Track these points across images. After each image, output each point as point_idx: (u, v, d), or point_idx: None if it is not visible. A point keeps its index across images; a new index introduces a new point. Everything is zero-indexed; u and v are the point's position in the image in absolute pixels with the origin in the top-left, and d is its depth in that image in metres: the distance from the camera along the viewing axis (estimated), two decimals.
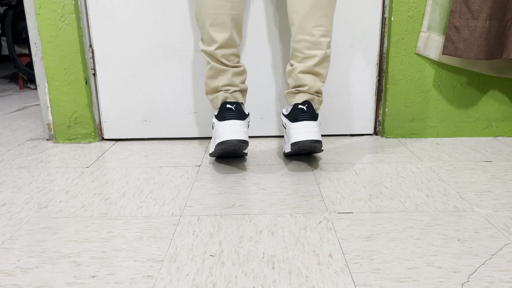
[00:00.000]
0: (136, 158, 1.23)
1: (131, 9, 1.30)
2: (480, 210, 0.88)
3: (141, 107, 1.38)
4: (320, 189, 0.99)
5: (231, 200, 0.94)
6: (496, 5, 1.16)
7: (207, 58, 1.08)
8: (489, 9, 1.15)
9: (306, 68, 1.05)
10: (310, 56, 1.05)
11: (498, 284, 0.64)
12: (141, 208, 0.91)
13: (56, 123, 1.38)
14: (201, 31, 1.09)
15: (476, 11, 1.16)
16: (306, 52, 1.05)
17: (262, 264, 0.70)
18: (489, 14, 1.16)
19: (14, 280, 0.67)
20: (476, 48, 1.18)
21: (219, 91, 1.09)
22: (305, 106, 1.06)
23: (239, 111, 1.04)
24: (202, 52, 1.09)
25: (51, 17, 1.29)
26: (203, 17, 1.05)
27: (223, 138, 0.98)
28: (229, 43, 1.06)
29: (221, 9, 1.03)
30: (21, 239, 0.79)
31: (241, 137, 0.99)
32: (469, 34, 1.18)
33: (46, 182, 1.07)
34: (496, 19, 1.17)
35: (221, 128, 1.01)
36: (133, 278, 0.67)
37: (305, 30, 1.03)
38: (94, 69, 1.35)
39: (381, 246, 0.75)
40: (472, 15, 1.17)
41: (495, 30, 1.18)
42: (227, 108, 1.05)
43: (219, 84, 1.08)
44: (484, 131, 1.38)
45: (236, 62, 1.09)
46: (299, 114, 1.05)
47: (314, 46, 1.04)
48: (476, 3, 1.16)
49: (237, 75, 1.09)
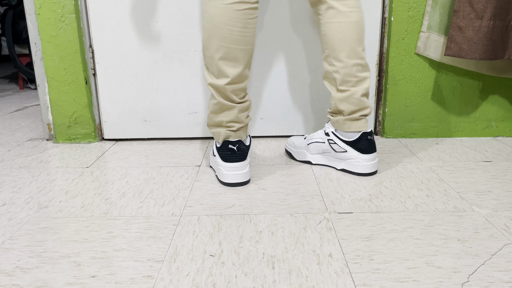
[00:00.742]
0: (136, 158, 1.23)
1: (131, 9, 1.30)
2: (480, 210, 0.88)
3: (141, 107, 1.38)
4: (320, 189, 0.99)
5: (231, 200, 0.94)
6: (500, 4, 1.15)
7: (215, 92, 1.00)
8: (493, 9, 1.14)
9: (365, 90, 1.05)
10: (363, 78, 1.05)
11: (498, 284, 0.64)
12: (141, 208, 0.91)
13: (56, 123, 1.38)
14: (208, 62, 0.99)
15: (480, 10, 1.14)
16: (359, 75, 1.04)
17: (262, 264, 0.70)
18: (493, 14, 1.14)
19: (14, 280, 0.67)
20: (480, 49, 1.16)
21: (222, 126, 1.03)
22: (372, 137, 1.08)
23: (241, 151, 1.02)
24: (210, 86, 1.00)
25: (51, 17, 1.29)
26: (214, 48, 0.96)
27: (228, 181, 1.02)
28: (240, 78, 0.99)
29: (235, 43, 0.95)
30: (21, 239, 0.79)
31: (244, 179, 1.03)
32: (473, 34, 1.16)
33: (46, 182, 1.07)
34: (500, 19, 1.16)
35: (224, 170, 1.02)
36: (133, 278, 0.67)
37: (357, 54, 1.03)
38: (94, 69, 1.35)
39: (381, 246, 0.75)
40: (476, 15, 1.15)
41: (498, 30, 1.17)
42: (229, 148, 1.02)
43: (224, 119, 1.02)
44: (484, 131, 1.38)
45: (243, 97, 1.03)
46: (369, 146, 1.06)
47: (364, 68, 1.05)
48: (481, 3, 1.14)
49: (243, 111, 1.03)
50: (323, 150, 1.12)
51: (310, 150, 1.15)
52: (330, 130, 1.11)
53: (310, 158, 1.15)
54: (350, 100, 1.05)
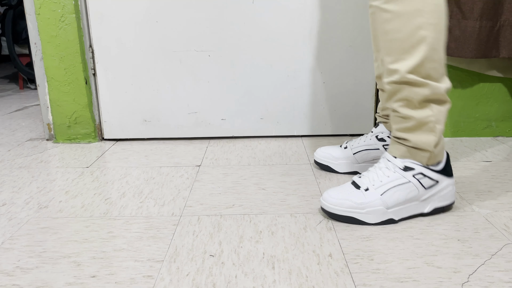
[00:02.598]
0: (136, 158, 1.23)
1: (131, 9, 1.30)
2: (480, 210, 0.88)
3: (141, 107, 1.38)
4: (320, 189, 0.99)
5: (231, 200, 0.94)
6: (487, 5, 1.19)
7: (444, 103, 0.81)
8: (480, 10, 1.19)
9: None
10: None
11: (498, 284, 0.64)
12: (141, 208, 0.91)
13: (56, 123, 1.38)
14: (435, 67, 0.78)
15: (467, 11, 1.20)
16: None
17: (262, 264, 0.70)
18: (479, 15, 1.19)
19: (14, 280, 0.67)
20: (467, 47, 1.22)
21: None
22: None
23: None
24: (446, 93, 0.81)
25: (51, 17, 1.29)
26: (443, 49, 0.79)
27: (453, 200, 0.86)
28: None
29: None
30: (21, 239, 0.79)
31: None
32: (460, 34, 1.21)
33: (46, 182, 1.07)
34: (487, 19, 1.20)
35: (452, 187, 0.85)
36: (133, 278, 0.67)
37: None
38: (94, 69, 1.35)
39: (381, 246, 0.75)
40: (463, 15, 1.20)
41: (487, 30, 1.21)
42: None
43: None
44: (484, 131, 1.38)
45: None
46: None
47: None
48: (468, 4, 1.19)
49: None
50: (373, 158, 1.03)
51: (357, 159, 1.06)
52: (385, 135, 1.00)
53: (356, 168, 1.07)
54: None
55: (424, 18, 0.75)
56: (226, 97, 1.37)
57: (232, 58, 1.34)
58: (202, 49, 1.33)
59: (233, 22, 1.31)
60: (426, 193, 0.83)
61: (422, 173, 0.82)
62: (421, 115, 0.80)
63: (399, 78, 0.79)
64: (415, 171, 0.81)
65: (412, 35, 0.76)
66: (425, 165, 0.82)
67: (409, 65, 0.77)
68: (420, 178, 0.82)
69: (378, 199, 0.81)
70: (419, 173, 0.81)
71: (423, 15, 0.75)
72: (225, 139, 1.40)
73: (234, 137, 1.41)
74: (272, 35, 1.32)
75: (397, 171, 0.82)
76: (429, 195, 0.83)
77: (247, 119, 1.39)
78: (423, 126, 0.80)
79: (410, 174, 0.81)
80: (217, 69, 1.35)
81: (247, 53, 1.33)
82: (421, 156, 0.82)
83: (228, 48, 1.33)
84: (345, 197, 0.82)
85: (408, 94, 0.79)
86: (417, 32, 0.76)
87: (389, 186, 0.81)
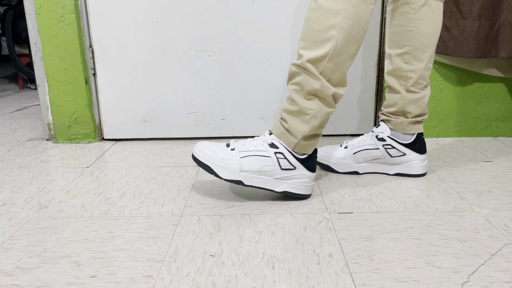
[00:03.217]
0: (136, 158, 1.23)
1: (131, 9, 1.30)
2: (480, 210, 0.88)
3: (141, 107, 1.38)
4: (320, 189, 0.99)
5: (231, 200, 0.94)
6: (486, 5, 1.20)
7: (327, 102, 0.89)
8: (478, 10, 1.20)
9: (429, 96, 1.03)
10: (428, 84, 1.04)
11: (498, 284, 0.64)
12: (141, 208, 0.91)
13: (56, 123, 1.38)
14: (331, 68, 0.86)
15: (465, 11, 1.21)
16: (428, 80, 1.03)
17: (262, 264, 0.70)
18: (478, 14, 1.20)
19: (14, 280, 0.67)
20: (465, 47, 1.22)
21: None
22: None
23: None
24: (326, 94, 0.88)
25: (51, 17, 1.29)
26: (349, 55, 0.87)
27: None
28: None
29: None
30: (21, 239, 0.79)
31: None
32: (459, 33, 1.22)
33: (46, 182, 1.07)
34: (486, 19, 1.21)
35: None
36: (133, 278, 0.67)
37: (432, 58, 1.01)
38: (94, 69, 1.35)
39: (381, 246, 0.75)
40: (461, 15, 1.21)
41: (486, 30, 1.22)
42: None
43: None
44: (484, 131, 1.38)
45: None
46: (424, 146, 1.06)
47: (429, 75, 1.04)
48: (466, 4, 1.20)
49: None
50: (374, 157, 1.06)
51: (357, 159, 1.07)
52: (385, 134, 1.05)
53: (356, 168, 1.08)
54: (419, 103, 1.02)
55: (338, 19, 0.82)
56: (226, 97, 1.37)
57: (232, 58, 1.34)
58: (202, 49, 1.33)
59: (233, 22, 1.31)
60: (281, 173, 0.91)
61: (283, 154, 0.90)
62: (304, 105, 0.87)
63: (301, 63, 0.86)
64: (278, 150, 0.90)
65: (324, 31, 0.83)
66: (290, 150, 0.90)
67: (312, 55, 0.84)
68: (280, 157, 0.90)
69: (237, 160, 0.90)
70: (280, 153, 0.90)
71: (338, 17, 0.82)
72: (225, 139, 1.41)
73: (234, 137, 1.41)
74: (272, 35, 1.32)
75: (264, 144, 0.91)
76: (283, 176, 0.91)
77: (247, 119, 1.39)
78: (301, 115, 0.88)
79: (273, 150, 0.90)
80: (217, 69, 1.35)
81: (247, 53, 1.34)
82: (289, 141, 0.90)
83: (228, 48, 1.33)
84: (212, 149, 0.92)
85: (301, 81, 0.87)
86: (328, 30, 0.83)
87: (251, 153, 0.90)
